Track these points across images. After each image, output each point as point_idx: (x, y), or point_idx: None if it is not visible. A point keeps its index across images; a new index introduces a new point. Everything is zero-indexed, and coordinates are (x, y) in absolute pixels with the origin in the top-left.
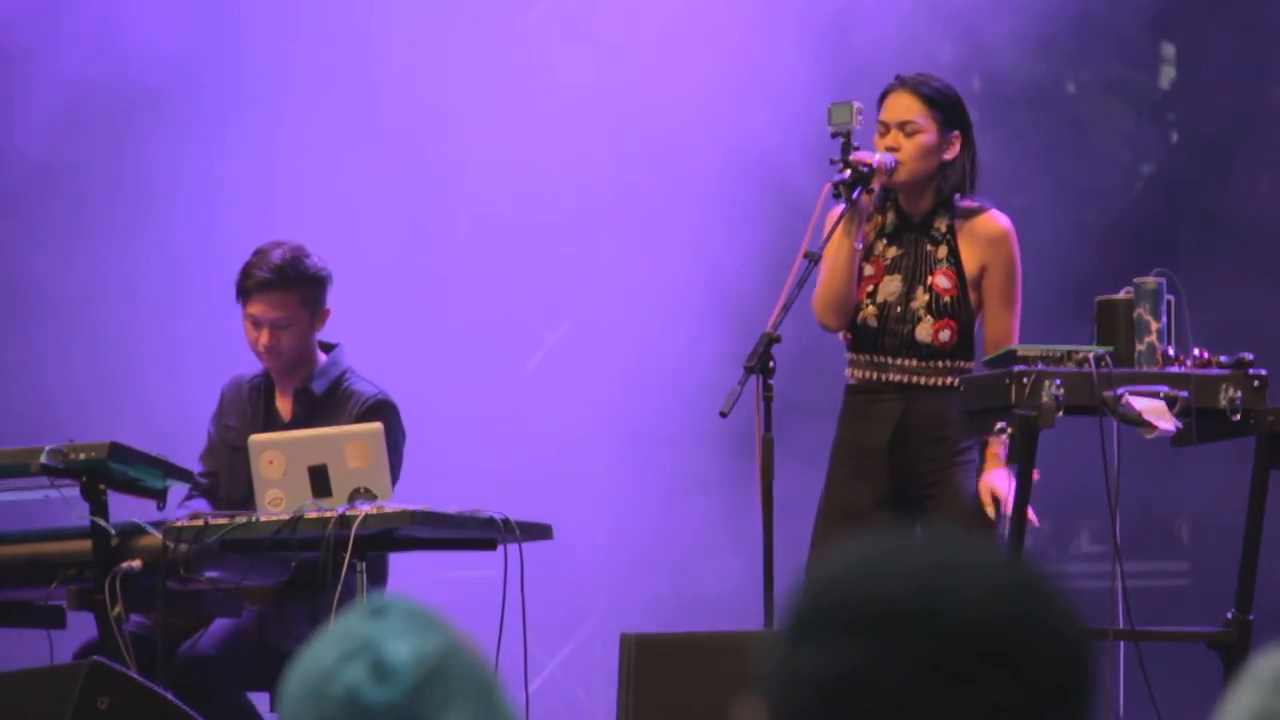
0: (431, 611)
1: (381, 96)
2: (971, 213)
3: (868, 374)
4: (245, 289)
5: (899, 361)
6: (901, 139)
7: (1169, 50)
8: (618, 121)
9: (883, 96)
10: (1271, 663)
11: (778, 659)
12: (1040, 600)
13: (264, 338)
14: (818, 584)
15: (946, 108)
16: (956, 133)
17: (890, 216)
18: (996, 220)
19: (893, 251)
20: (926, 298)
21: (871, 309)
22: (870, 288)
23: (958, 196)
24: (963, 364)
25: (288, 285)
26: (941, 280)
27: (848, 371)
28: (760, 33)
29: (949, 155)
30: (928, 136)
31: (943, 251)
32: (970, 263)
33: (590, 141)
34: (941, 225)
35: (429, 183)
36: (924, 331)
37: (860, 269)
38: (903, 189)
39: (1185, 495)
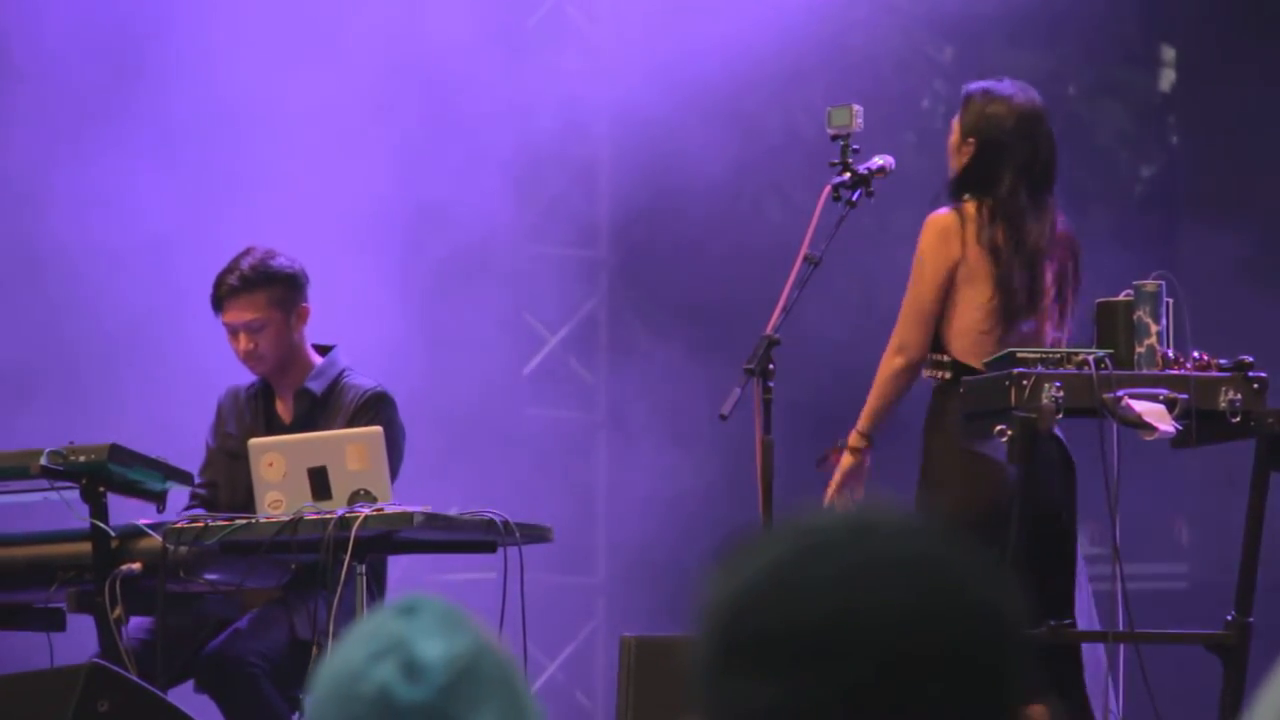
0: (461, 611)
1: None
2: None
3: None
4: (217, 300)
5: None
6: None
7: (1169, 53)
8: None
9: None
10: None
11: (709, 688)
12: (961, 592)
13: (241, 343)
14: (731, 602)
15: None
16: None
17: None
18: None
19: None
20: None
21: None
22: None
23: None
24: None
25: (254, 287)
26: None
27: None
28: (763, 34)
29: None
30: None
31: None
32: None
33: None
34: None
35: (420, 183)
36: None
37: None
38: None
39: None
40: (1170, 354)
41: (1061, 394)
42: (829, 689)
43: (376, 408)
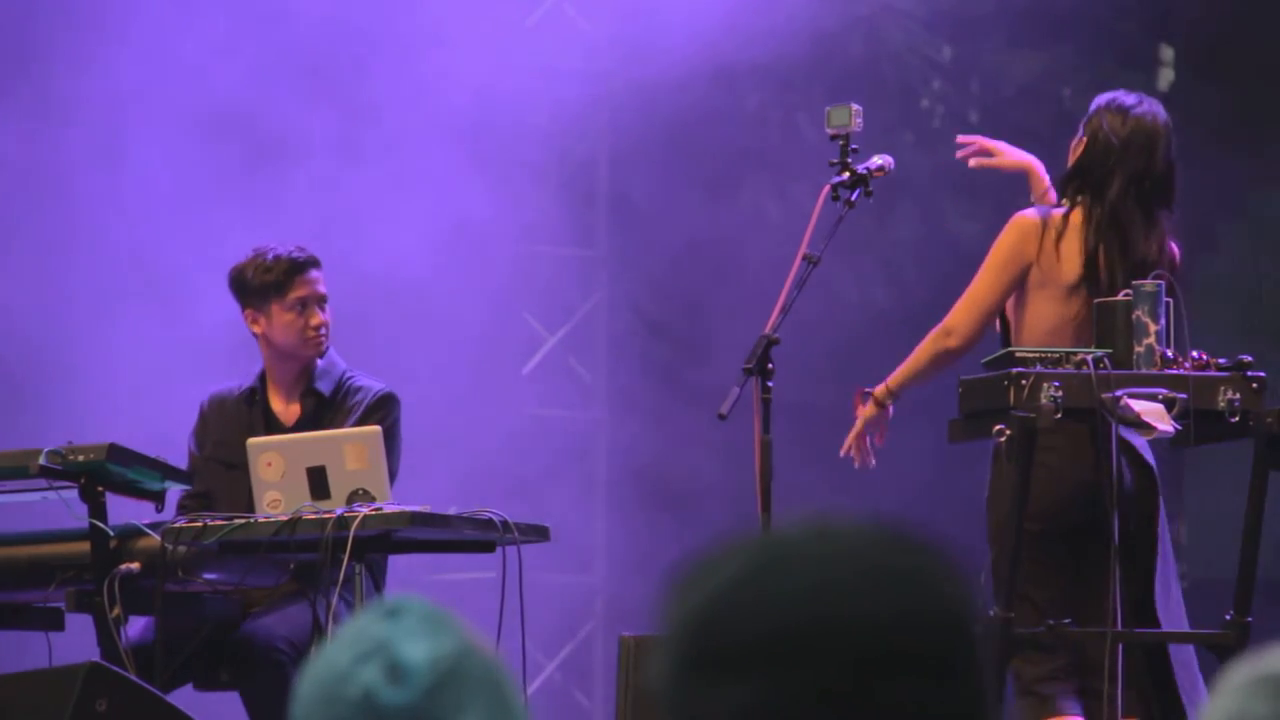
0: (446, 612)
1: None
2: None
3: None
4: (286, 273)
5: None
6: None
7: (1168, 53)
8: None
9: None
10: (1248, 667)
11: (675, 695)
12: (924, 589)
13: (315, 317)
14: (701, 611)
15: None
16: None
17: None
18: None
19: None
20: None
21: None
22: None
23: None
24: None
25: (318, 261)
26: None
27: None
28: (762, 34)
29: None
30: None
31: None
32: None
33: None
34: None
35: (418, 183)
36: None
37: None
38: None
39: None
40: (1169, 353)
41: (1060, 394)
42: (796, 694)
43: (387, 407)
